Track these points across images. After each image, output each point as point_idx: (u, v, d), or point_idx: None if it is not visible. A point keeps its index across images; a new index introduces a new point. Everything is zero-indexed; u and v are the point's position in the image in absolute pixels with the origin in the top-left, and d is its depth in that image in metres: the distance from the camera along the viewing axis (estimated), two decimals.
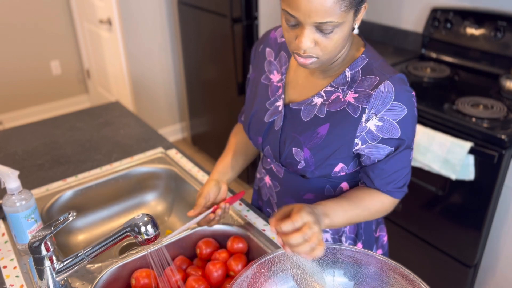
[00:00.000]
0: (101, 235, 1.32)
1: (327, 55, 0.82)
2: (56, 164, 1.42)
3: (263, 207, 1.20)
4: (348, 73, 0.90)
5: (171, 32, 3.18)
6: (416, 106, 0.91)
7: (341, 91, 0.90)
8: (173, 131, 3.52)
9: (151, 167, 1.41)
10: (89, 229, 1.33)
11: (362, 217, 0.95)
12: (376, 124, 0.86)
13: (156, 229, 0.82)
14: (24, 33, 3.47)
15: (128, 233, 0.81)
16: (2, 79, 3.48)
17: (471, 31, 1.95)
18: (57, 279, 0.86)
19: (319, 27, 0.77)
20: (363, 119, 0.87)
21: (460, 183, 1.60)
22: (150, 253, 0.95)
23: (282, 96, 0.98)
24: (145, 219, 0.81)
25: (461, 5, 2.01)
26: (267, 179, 1.12)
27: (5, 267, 1.01)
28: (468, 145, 1.50)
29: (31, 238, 0.83)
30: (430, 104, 1.66)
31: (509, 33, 1.82)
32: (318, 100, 0.93)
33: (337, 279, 0.88)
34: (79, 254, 0.84)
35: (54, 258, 0.85)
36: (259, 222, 1.13)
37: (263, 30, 2.43)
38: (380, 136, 0.87)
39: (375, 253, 0.86)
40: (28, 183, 1.32)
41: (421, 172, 1.68)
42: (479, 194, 1.57)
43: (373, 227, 1.11)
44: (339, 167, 0.93)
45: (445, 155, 1.56)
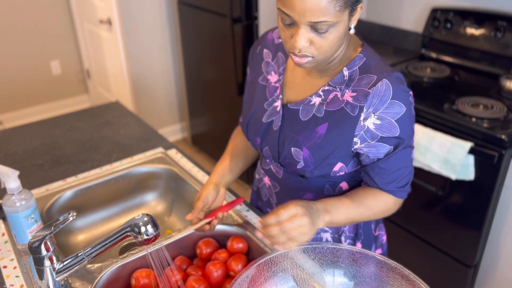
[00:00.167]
0: (101, 235, 1.32)
1: (322, 54, 0.82)
2: (56, 164, 1.42)
3: (262, 207, 1.20)
4: (346, 72, 0.90)
5: (171, 32, 3.18)
6: (415, 105, 0.91)
7: (338, 90, 0.90)
8: (173, 131, 3.52)
9: (151, 167, 1.41)
10: (89, 229, 1.33)
11: (365, 216, 0.95)
12: (374, 122, 0.86)
13: (156, 229, 0.82)
14: (24, 33, 3.47)
15: (128, 233, 0.81)
16: (2, 79, 3.48)
17: (471, 31, 1.95)
18: (57, 279, 0.86)
19: (314, 27, 0.77)
20: (362, 118, 0.87)
21: (460, 183, 1.60)
22: (150, 253, 0.95)
23: (280, 96, 0.98)
24: (145, 219, 0.81)
25: (461, 5, 2.01)
26: (266, 179, 1.12)
27: (5, 267, 1.01)
28: (468, 145, 1.50)
29: (31, 238, 0.83)
30: (430, 104, 1.66)
31: (509, 33, 1.82)
32: (316, 100, 0.93)
33: (337, 279, 0.88)
34: (79, 254, 0.84)
35: (54, 258, 0.85)
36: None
37: (263, 30, 2.43)
38: (379, 135, 0.87)
39: (375, 253, 0.86)
40: (28, 183, 1.32)
41: (421, 172, 1.68)
42: (479, 194, 1.57)
43: (372, 227, 1.11)
44: (338, 166, 0.93)
45: (445, 155, 1.56)
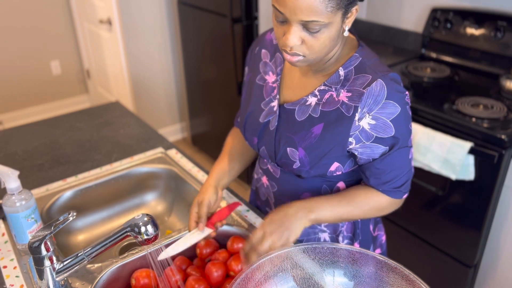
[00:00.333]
0: (101, 235, 1.32)
1: (314, 54, 0.82)
2: (56, 164, 1.42)
3: (261, 207, 1.20)
4: (342, 72, 0.90)
5: (171, 32, 3.18)
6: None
7: (334, 90, 0.90)
8: (173, 131, 3.52)
9: (151, 167, 1.41)
10: (89, 229, 1.33)
11: (354, 214, 0.96)
12: (369, 122, 0.87)
13: (156, 229, 0.82)
14: (24, 33, 3.47)
15: (128, 233, 0.81)
16: (2, 79, 3.48)
17: (471, 31, 1.95)
18: (57, 279, 0.86)
19: (306, 26, 0.78)
20: (356, 118, 0.87)
21: (460, 183, 1.60)
22: (150, 253, 0.95)
23: (277, 96, 0.98)
24: (145, 219, 0.81)
25: (461, 5, 2.01)
26: (264, 179, 1.12)
27: (5, 267, 1.01)
28: (468, 145, 1.50)
29: (31, 238, 0.83)
30: (430, 104, 1.66)
31: (509, 33, 1.82)
32: (312, 100, 0.93)
33: (337, 279, 0.87)
34: (79, 254, 0.84)
35: (54, 258, 0.85)
36: (259, 222, 1.13)
37: (263, 30, 2.43)
38: (374, 135, 0.87)
39: (375, 253, 0.86)
40: (28, 183, 1.32)
41: (421, 172, 1.68)
42: (479, 194, 1.57)
43: (370, 227, 1.11)
44: (334, 166, 0.93)
45: (445, 155, 1.56)
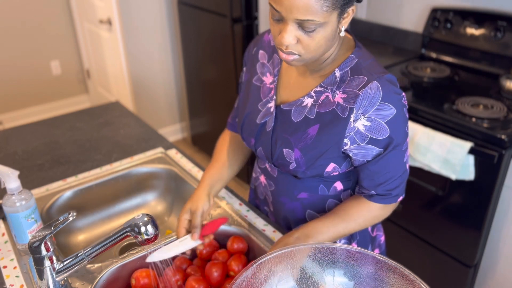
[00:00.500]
0: (101, 235, 1.32)
1: (309, 54, 0.82)
2: (56, 164, 1.42)
3: (260, 205, 1.21)
4: (338, 73, 0.90)
5: (171, 32, 3.18)
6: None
7: (330, 91, 0.90)
8: (173, 131, 3.52)
9: (151, 167, 1.41)
10: (89, 229, 1.33)
11: (351, 229, 0.97)
12: (364, 124, 0.87)
13: (156, 229, 0.82)
14: (24, 33, 3.47)
15: (128, 233, 0.81)
16: (2, 79, 3.48)
17: (471, 31, 1.95)
18: (57, 279, 0.86)
19: (301, 25, 0.78)
20: (351, 119, 0.87)
21: (460, 183, 1.60)
22: (150, 253, 0.95)
23: (274, 97, 0.98)
24: (145, 219, 0.81)
25: (461, 5, 2.01)
26: (262, 178, 1.12)
27: (5, 267, 1.01)
28: (468, 145, 1.50)
29: (31, 238, 0.83)
30: (430, 104, 1.66)
31: (509, 33, 1.82)
32: (308, 101, 0.93)
33: (337, 279, 0.87)
34: (79, 254, 0.84)
35: (54, 258, 0.85)
36: (259, 222, 1.13)
37: (263, 30, 2.43)
38: (369, 136, 0.87)
39: (375, 253, 0.86)
40: (28, 183, 1.32)
41: (421, 172, 1.68)
42: (479, 194, 1.57)
43: (369, 228, 1.11)
44: (330, 167, 0.93)
45: (445, 155, 1.56)
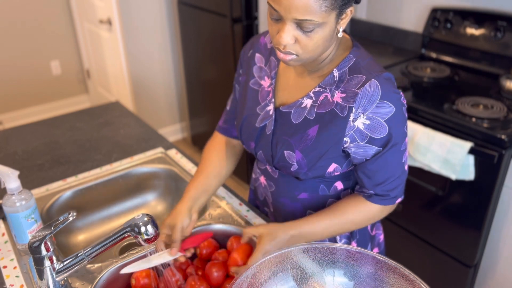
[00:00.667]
0: (101, 235, 1.32)
1: (307, 54, 0.82)
2: (56, 164, 1.42)
3: (260, 206, 1.20)
4: (336, 73, 0.90)
5: (171, 32, 3.18)
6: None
7: (328, 91, 0.90)
8: (173, 131, 3.52)
9: (151, 167, 1.41)
10: (89, 229, 1.33)
11: (347, 228, 0.97)
12: (364, 122, 0.87)
13: (156, 229, 0.82)
14: (24, 33, 3.47)
15: (128, 233, 0.81)
16: (2, 79, 3.48)
17: (471, 31, 1.95)
18: (57, 279, 0.86)
19: (300, 24, 0.78)
20: (351, 118, 0.87)
21: (460, 183, 1.60)
22: (150, 253, 0.95)
23: (272, 100, 0.98)
24: (145, 219, 0.81)
25: (461, 5, 2.01)
26: (262, 179, 1.12)
27: (5, 267, 1.01)
28: (468, 145, 1.50)
29: (31, 238, 0.83)
30: (430, 104, 1.66)
31: (509, 33, 1.82)
32: (307, 102, 0.93)
33: (337, 279, 0.87)
34: (79, 254, 0.84)
35: (54, 258, 0.85)
36: (259, 222, 1.13)
37: (263, 30, 2.43)
38: (369, 135, 0.87)
39: (375, 253, 0.86)
40: (28, 183, 1.32)
41: (421, 172, 1.68)
42: (479, 194, 1.57)
43: (368, 227, 1.11)
44: (332, 167, 0.93)
45: (445, 155, 1.56)
